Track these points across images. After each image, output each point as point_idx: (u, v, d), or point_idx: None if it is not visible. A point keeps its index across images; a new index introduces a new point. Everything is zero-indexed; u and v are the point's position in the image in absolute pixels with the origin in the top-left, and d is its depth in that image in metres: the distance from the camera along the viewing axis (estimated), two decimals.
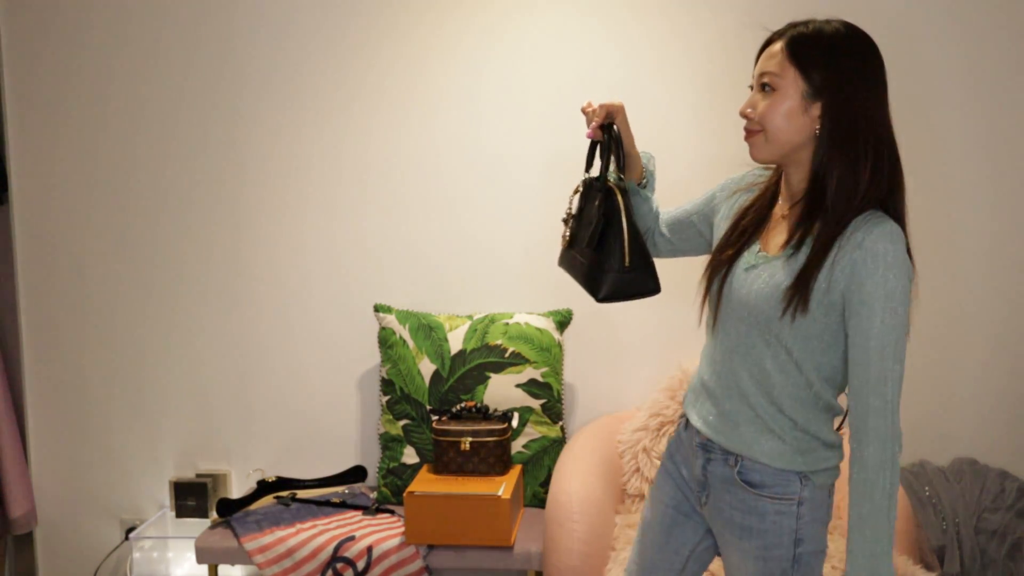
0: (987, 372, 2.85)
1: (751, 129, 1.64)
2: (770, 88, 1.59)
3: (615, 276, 1.81)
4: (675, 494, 1.80)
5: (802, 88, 1.56)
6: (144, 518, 3.04)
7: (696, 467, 1.73)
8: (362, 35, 2.88)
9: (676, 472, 1.81)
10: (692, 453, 1.75)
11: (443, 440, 2.65)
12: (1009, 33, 2.74)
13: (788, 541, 1.61)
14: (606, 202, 1.83)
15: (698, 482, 1.73)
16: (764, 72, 1.60)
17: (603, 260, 1.82)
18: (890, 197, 1.57)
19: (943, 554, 2.59)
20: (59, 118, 2.97)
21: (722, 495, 1.68)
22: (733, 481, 1.65)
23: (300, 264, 2.98)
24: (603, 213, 1.83)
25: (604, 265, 1.82)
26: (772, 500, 1.62)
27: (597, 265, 1.83)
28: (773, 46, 1.61)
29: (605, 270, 1.82)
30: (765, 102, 1.59)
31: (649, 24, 2.81)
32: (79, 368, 3.04)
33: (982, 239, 2.82)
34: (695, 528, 1.79)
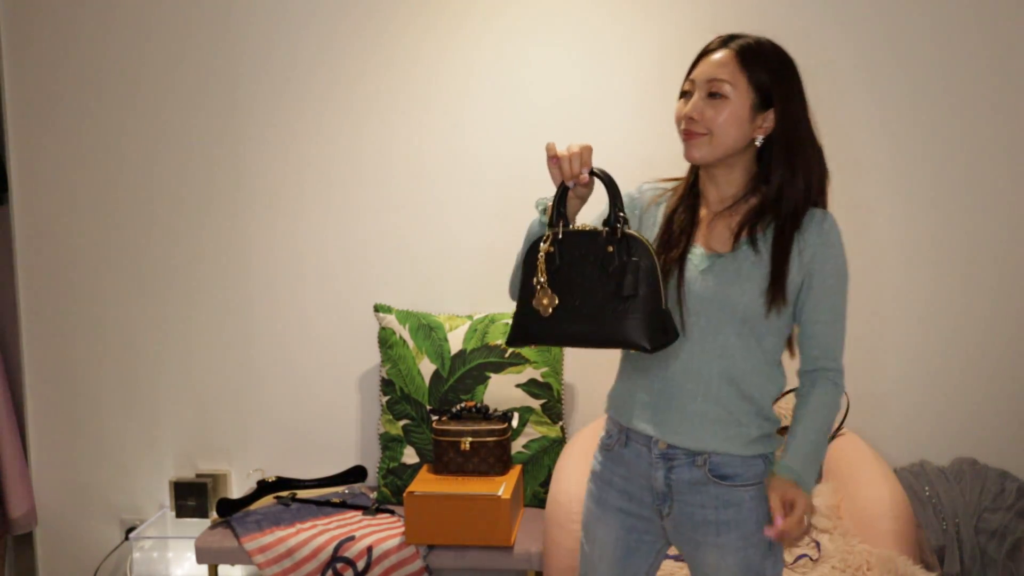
0: (987, 372, 2.84)
1: (695, 131, 1.68)
2: (720, 95, 1.66)
3: (667, 314, 1.65)
4: (620, 524, 1.76)
5: (752, 98, 1.66)
6: (144, 518, 3.04)
7: (656, 480, 1.70)
8: (358, 36, 2.88)
9: (616, 499, 1.76)
10: (648, 467, 1.71)
11: (443, 440, 2.65)
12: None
13: (764, 525, 1.66)
14: (632, 246, 1.63)
15: (658, 495, 1.71)
16: (714, 79, 1.66)
17: (654, 303, 1.62)
18: (820, 194, 1.75)
19: (943, 554, 2.59)
20: (59, 118, 2.97)
21: (691, 499, 1.69)
22: (704, 480, 1.67)
23: (301, 264, 2.98)
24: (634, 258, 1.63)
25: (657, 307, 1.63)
26: (746, 488, 1.67)
27: (655, 310, 1.61)
28: (719, 54, 1.68)
29: (663, 313, 1.63)
30: (714, 108, 1.66)
31: (640, 26, 2.82)
32: (79, 368, 3.04)
33: (981, 241, 2.82)
34: (649, 547, 1.77)
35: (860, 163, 2.81)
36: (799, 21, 2.79)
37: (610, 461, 1.77)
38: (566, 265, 1.66)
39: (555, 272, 1.66)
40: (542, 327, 1.66)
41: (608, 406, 1.82)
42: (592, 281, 1.64)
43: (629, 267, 1.61)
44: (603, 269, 1.63)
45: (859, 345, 2.85)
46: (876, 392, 2.85)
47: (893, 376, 2.86)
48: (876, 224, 2.83)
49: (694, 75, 1.69)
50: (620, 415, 1.76)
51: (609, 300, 1.62)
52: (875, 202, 2.82)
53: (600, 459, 1.80)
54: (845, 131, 2.81)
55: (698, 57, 1.71)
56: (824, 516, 2.46)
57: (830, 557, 2.30)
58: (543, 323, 1.66)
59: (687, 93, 1.70)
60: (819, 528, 2.44)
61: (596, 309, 1.63)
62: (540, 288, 1.65)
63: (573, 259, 1.66)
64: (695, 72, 1.69)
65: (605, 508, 1.77)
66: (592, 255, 1.65)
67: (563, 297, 1.65)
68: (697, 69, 1.69)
